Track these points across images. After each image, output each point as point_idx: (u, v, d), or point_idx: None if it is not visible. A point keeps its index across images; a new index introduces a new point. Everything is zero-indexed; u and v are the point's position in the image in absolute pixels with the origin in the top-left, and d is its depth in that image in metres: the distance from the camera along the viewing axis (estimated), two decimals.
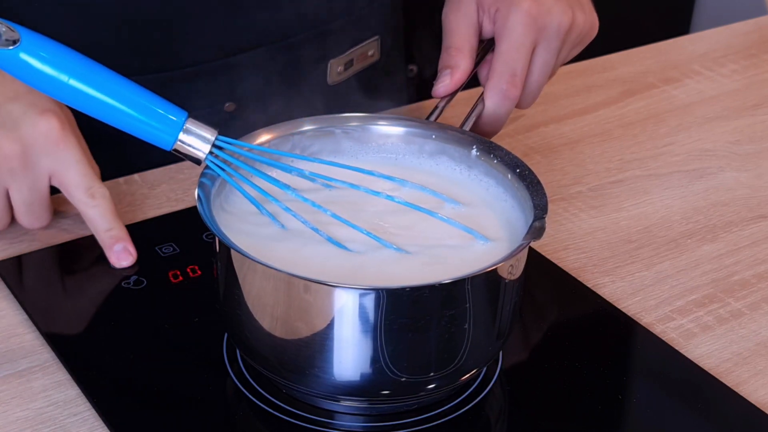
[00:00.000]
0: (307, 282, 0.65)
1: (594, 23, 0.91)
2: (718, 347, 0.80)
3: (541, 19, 0.85)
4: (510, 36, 0.85)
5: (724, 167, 1.01)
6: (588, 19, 0.90)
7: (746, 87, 1.15)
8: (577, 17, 0.88)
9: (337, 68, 1.05)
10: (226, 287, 0.70)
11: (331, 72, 1.04)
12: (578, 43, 0.91)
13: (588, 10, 0.91)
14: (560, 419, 0.73)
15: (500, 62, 0.85)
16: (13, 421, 0.71)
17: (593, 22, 0.91)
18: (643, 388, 0.76)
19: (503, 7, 0.86)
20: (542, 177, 0.75)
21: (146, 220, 0.89)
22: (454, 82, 0.85)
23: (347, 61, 1.05)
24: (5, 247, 0.85)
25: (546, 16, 0.86)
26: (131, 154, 1.00)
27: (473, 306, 0.67)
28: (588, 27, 0.90)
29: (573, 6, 0.88)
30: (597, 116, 1.08)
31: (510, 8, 0.85)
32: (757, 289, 0.85)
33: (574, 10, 0.88)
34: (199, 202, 0.70)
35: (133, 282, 0.82)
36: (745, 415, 0.74)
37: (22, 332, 0.78)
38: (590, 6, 0.92)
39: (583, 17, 0.89)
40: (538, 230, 0.69)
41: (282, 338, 0.68)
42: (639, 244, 0.90)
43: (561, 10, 0.86)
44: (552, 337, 0.79)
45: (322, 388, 0.68)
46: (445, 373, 0.69)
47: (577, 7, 0.89)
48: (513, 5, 0.85)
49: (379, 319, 0.65)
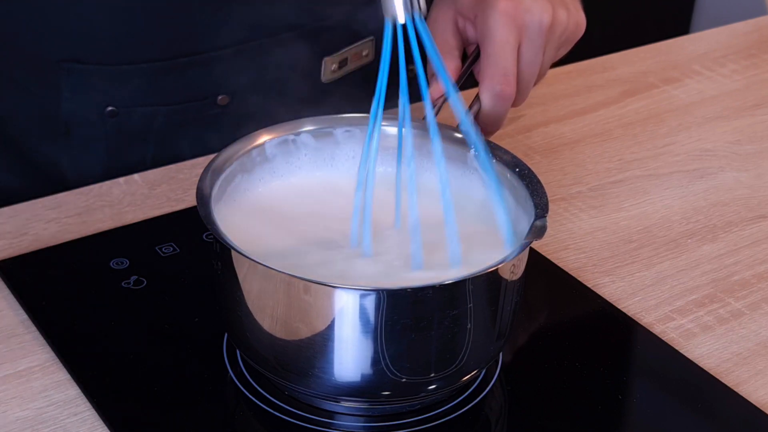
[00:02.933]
0: (307, 283, 0.65)
1: (580, 22, 0.91)
2: (718, 347, 0.80)
3: (519, 17, 0.86)
4: (493, 37, 0.85)
5: (724, 167, 1.01)
6: (573, 17, 0.90)
7: (746, 87, 1.15)
8: (559, 15, 0.88)
9: (331, 66, 1.05)
10: (226, 288, 0.70)
11: (325, 70, 1.04)
12: (565, 42, 0.90)
13: (573, 9, 0.90)
14: (560, 419, 0.73)
15: (489, 64, 0.86)
16: (13, 421, 0.71)
17: (579, 21, 0.91)
18: (643, 388, 0.76)
19: (481, 12, 0.86)
20: (542, 177, 0.75)
21: (146, 220, 0.89)
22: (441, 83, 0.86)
23: (341, 60, 1.05)
24: (5, 247, 0.85)
25: (525, 14, 0.86)
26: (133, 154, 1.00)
27: (474, 306, 0.67)
28: (573, 25, 0.90)
29: (554, 4, 0.88)
30: (597, 116, 1.08)
31: (487, 11, 0.86)
32: (757, 289, 0.85)
33: (555, 8, 0.88)
34: (199, 202, 0.70)
35: (133, 282, 0.82)
36: (745, 415, 0.74)
37: (22, 332, 0.78)
38: (576, 4, 0.92)
39: (566, 15, 0.89)
40: (540, 230, 0.69)
41: (282, 339, 0.68)
42: (639, 244, 0.90)
43: (540, 8, 0.87)
44: (552, 337, 0.79)
45: (322, 389, 0.68)
46: (446, 373, 0.69)
47: (558, 5, 0.88)
48: (490, 7, 0.86)
49: (379, 320, 0.65)
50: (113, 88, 0.97)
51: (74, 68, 0.95)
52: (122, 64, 0.96)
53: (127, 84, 0.97)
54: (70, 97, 0.96)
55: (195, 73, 0.99)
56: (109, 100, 0.97)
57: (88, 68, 0.96)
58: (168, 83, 0.98)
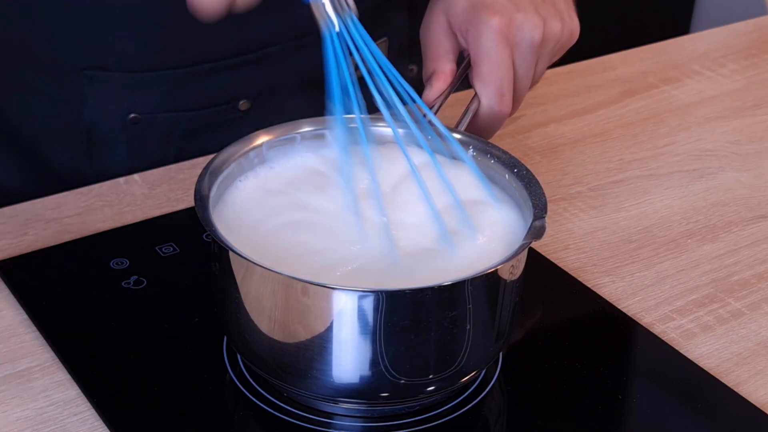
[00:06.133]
0: (306, 284, 0.65)
1: (574, 30, 0.91)
2: (718, 347, 0.80)
3: (512, 35, 0.86)
4: (487, 57, 0.85)
5: (724, 167, 1.01)
6: (567, 26, 0.90)
7: (746, 87, 1.15)
8: (551, 28, 0.88)
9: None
10: (224, 289, 0.70)
11: None
12: (558, 51, 0.91)
13: (567, 17, 0.90)
14: (560, 419, 0.73)
15: (485, 84, 0.86)
16: (13, 421, 0.71)
17: (573, 29, 0.91)
18: (643, 388, 0.76)
19: (473, 27, 0.86)
20: (542, 177, 0.75)
21: (146, 220, 0.89)
22: (436, 87, 0.86)
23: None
24: (5, 247, 0.85)
25: (516, 32, 0.86)
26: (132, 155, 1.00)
27: (474, 307, 0.67)
28: (567, 34, 0.90)
29: (546, 17, 0.88)
30: (597, 116, 1.08)
31: (480, 28, 0.86)
32: (757, 289, 0.85)
33: (547, 21, 0.88)
34: (197, 202, 0.70)
35: (133, 282, 0.82)
36: (745, 415, 0.74)
37: (22, 332, 0.78)
38: (570, 11, 0.91)
39: (559, 26, 0.89)
40: (539, 230, 0.69)
41: (281, 341, 0.67)
42: (639, 244, 0.90)
43: (532, 25, 0.86)
44: (552, 337, 0.79)
45: (321, 391, 0.68)
46: (445, 375, 0.69)
47: (551, 16, 0.88)
48: (482, 24, 0.85)
49: (378, 321, 0.65)
50: (136, 96, 0.97)
51: (97, 76, 0.95)
52: (145, 71, 0.96)
53: (150, 91, 0.97)
54: (93, 104, 0.96)
55: (217, 79, 0.99)
56: (132, 108, 0.97)
57: (111, 76, 0.95)
58: (190, 89, 0.98)
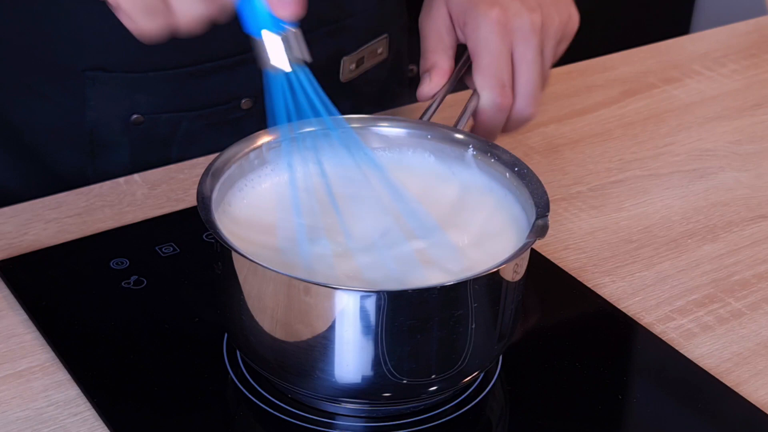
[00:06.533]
0: (308, 284, 0.65)
1: (572, 15, 0.90)
2: (718, 347, 0.80)
3: (510, 23, 0.85)
4: (487, 48, 0.85)
5: (724, 167, 1.01)
6: (563, 12, 0.89)
7: (746, 87, 1.15)
8: (550, 11, 0.88)
9: (349, 66, 1.05)
10: (226, 290, 0.70)
11: (343, 69, 1.05)
12: (562, 38, 0.90)
13: (563, 4, 0.90)
14: (560, 419, 0.73)
15: (486, 76, 0.85)
16: (13, 421, 0.71)
17: (571, 13, 0.90)
18: (643, 388, 0.76)
19: (471, 19, 0.86)
20: (542, 177, 0.75)
21: (146, 220, 0.89)
22: (435, 81, 0.86)
23: (359, 59, 1.06)
24: (5, 247, 0.85)
25: (515, 18, 0.85)
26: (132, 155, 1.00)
27: (476, 308, 0.67)
28: (566, 18, 0.89)
29: (542, 5, 0.88)
30: (597, 116, 1.08)
31: (478, 19, 0.85)
32: (757, 289, 0.85)
33: (544, 9, 0.87)
34: (199, 202, 0.70)
35: (133, 282, 0.82)
36: (745, 415, 0.74)
37: (22, 332, 0.78)
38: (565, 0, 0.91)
39: (557, 12, 0.88)
40: (542, 228, 0.69)
41: (283, 341, 0.67)
42: (639, 244, 0.90)
43: (529, 9, 0.86)
44: (552, 337, 0.79)
45: (323, 391, 0.68)
46: (447, 375, 0.69)
47: (548, 5, 0.88)
48: (480, 16, 0.85)
49: (380, 321, 0.65)
50: (138, 96, 0.97)
51: (99, 77, 0.95)
52: (147, 72, 0.95)
53: (153, 91, 0.97)
54: (95, 106, 0.96)
55: (219, 78, 0.99)
56: (135, 108, 0.97)
57: (113, 77, 0.95)
58: (193, 89, 0.98)
